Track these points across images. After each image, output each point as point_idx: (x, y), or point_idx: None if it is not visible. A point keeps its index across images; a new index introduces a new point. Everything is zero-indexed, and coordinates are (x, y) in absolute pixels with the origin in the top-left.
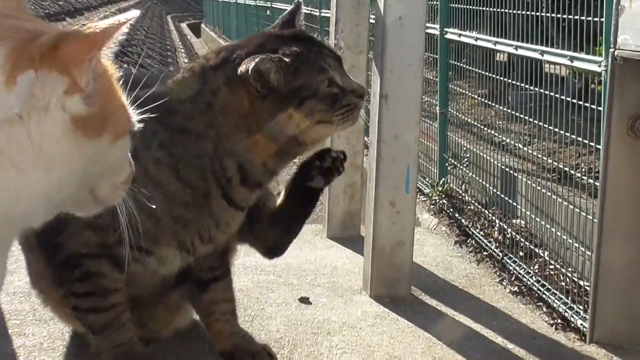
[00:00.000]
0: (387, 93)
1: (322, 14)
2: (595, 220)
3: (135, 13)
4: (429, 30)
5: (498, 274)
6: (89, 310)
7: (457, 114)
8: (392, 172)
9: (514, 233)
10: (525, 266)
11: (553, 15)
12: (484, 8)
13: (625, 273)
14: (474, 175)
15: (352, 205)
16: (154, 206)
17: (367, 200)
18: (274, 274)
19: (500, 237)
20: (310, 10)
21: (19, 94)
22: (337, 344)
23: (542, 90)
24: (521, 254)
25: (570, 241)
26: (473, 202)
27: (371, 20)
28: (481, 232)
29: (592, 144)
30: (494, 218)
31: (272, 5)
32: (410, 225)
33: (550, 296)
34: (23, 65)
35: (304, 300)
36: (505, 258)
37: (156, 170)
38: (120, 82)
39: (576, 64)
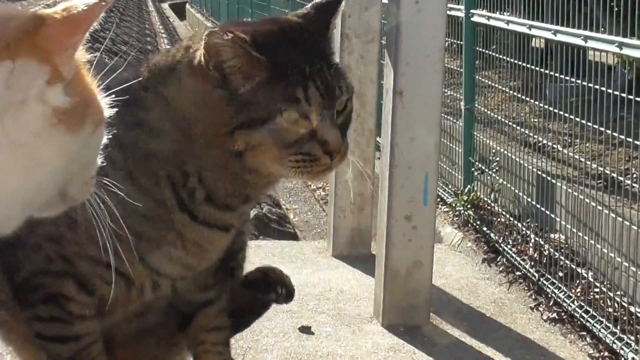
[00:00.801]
0: (402, 89)
1: None
2: None
3: None
4: (452, 13)
5: (533, 297)
6: (54, 339)
7: (485, 110)
8: (408, 181)
9: (552, 250)
10: (565, 289)
11: None
12: None
13: None
14: (504, 182)
15: (361, 219)
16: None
17: (379, 214)
18: None
19: (536, 255)
20: None
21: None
22: None
23: (585, 83)
24: (561, 274)
25: (619, 260)
26: (504, 213)
27: (384, 0)
28: (513, 249)
29: None
30: (528, 232)
31: None
32: (429, 243)
33: (596, 324)
34: (13, 52)
35: (305, 330)
36: (542, 279)
37: (112, 172)
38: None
39: (626, 51)
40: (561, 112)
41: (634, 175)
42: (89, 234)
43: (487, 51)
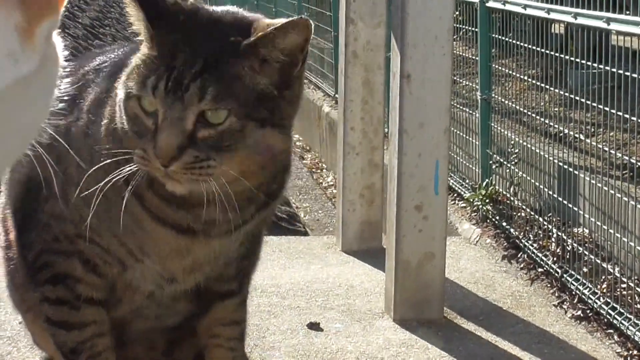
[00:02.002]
0: (410, 73)
1: None
2: None
3: None
4: None
5: (557, 295)
6: (60, 324)
7: (503, 100)
8: (418, 169)
9: (575, 245)
10: (590, 285)
11: None
12: None
13: None
14: (524, 175)
15: (371, 212)
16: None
17: (388, 204)
18: (277, 296)
19: (558, 251)
20: None
21: (36, 48)
22: None
23: (608, 68)
24: (585, 270)
25: None
26: (524, 207)
27: None
28: (535, 245)
29: None
30: (550, 227)
31: None
32: (441, 234)
33: (623, 322)
34: (36, 17)
35: (314, 327)
36: (565, 276)
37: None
38: None
39: None
40: (583, 100)
41: None
42: (79, 213)
43: (503, 38)
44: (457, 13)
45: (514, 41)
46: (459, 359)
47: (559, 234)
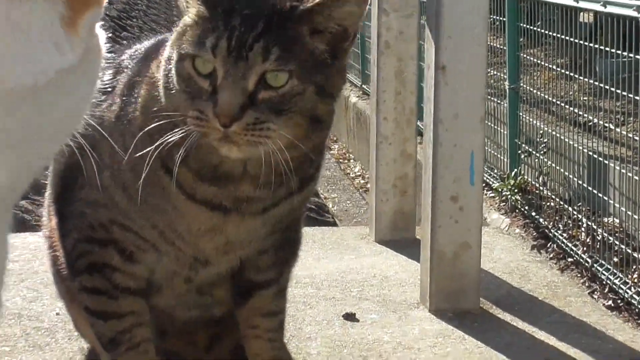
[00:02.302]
0: (445, 64)
1: None
2: None
3: None
4: None
5: (587, 285)
6: (99, 314)
7: (531, 89)
8: (453, 160)
9: (605, 235)
10: (621, 275)
11: None
12: None
13: None
14: (553, 165)
15: (404, 203)
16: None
17: (423, 195)
18: (312, 287)
19: (588, 240)
20: None
21: (80, 39)
22: None
23: (638, 57)
24: (616, 260)
25: None
26: (553, 197)
27: None
28: (564, 235)
29: None
30: (580, 217)
31: None
32: (477, 224)
33: None
34: (80, 8)
35: (350, 317)
36: (595, 266)
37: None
38: None
39: None
40: (613, 89)
41: None
42: (112, 198)
43: (532, 27)
44: None
45: (542, 30)
46: (496, 349)
47: (589, 223)
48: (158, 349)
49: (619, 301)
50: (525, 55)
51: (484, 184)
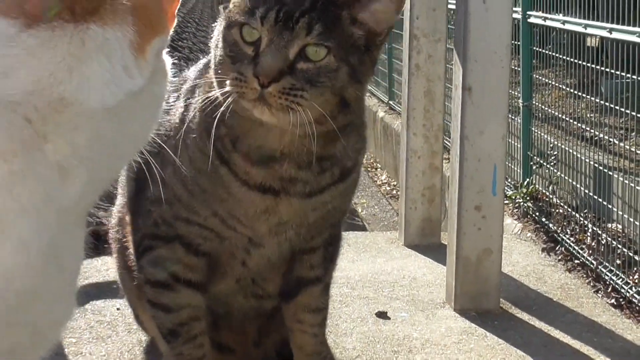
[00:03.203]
0: (471, 85)
1: None
2: None
3: None
4: None
5: (592, 285)
6: (160, 306)
7: (543, 106)
8: (478, 172)
9: (609, 239)
10: (623, 276)
11: None
12: None
13: None
14: (562, 175)
15: (431, 211)
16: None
17: (449, 205)
18: (347, 287)
19: (593, 244)
20: None
21: (147, 63)
22: None
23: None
24: (618, 262)
25: None
26: (562, 204)
27: (449, 5)
28: (572, 239)
29: None
30: (586, 222)
31: None
32: (498, 232)
33: None
34: (147, 35)
35: (382, 315)
36: (600, 267)
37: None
38: None
39: None
40: (616, 107)
41: None
42: (175, 193)
43: (543, 50)
44: None
45: (553, 53)
46: (515, 346)
47: (594, 228)
48: (212, 341)
49: (620, 300)
50: (537, 76)
51: None
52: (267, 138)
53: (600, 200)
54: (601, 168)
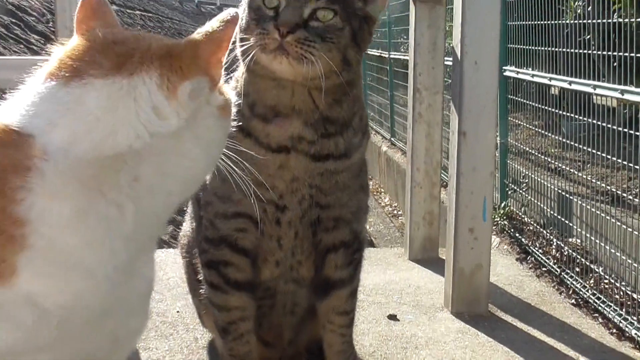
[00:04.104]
0: (466, 130)
1: (391, 56)
2: None
3: (235, 10)
4: None
5: (556, 288)
6: (215, 306)
7: (516, 143)
8: (471, 202)
9: (570, 250)
10: (581, 281)
11: (604, 52)
12: (539, 48)
13: None
14: (532, 199)
15: (431, 231)
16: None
17: (448, 228)
18: (363, 294)
19: (557, 255)
20: (380, 53)
21: (181, 104)
22: (425, 357)
23: (593, 121)
24: (577, 269)
25: (624, 257)
26: (532, 222)
27: (446, 63)
28: (540, 250)
29: None
30: (551, 237)
31: None
32: (488, 250)
33: (606, 308)
34: (176, 79)
35: (392, 318)
36: (562, 273)
37: None
38: None
39: (627, 96)
40: (575, 144)
41: (634, 192)
42: (212, 190)
43: (516, 98)
44: None
45: (524, 100)
46: (502, 343)
47: (558, 242)
48: (257, 336)
49: (579, 300)
50: (511, 118)
51: None
52: (280, 96)
53: (562, 219)
54: (563, 193)
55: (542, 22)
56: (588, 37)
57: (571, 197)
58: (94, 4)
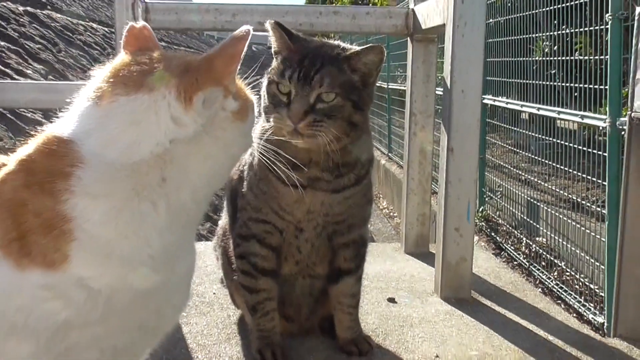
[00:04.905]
0: (453, 147)
1: (390, 87)
2: (602, 238)
3: (247, 27)
4: None
5: (526, 279)
6: (247, 289)
7: (492, 158)
8: (457, 206)
9: (537, 248)
10: (547, 273)
11: (566, 84)
12: (512, 80)
13: None
14: (505, 205)
15: (423, 230)
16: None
17: (438, 227)
18: (367, 280)
19: (526, 251)
20: (380, 84)
21: (197, 112)
22: (418, 334)
23: (557, 140)
24: (543, 263)
25: (582, 254)
26: (505, 224)
27: (437, 92)
28: (512, 247)
29: (598, 180)
30: (521, 236)
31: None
32: (471, 246)
33: (567, 296)
34: (191, 89)
35: (391, 300)
36: (531, 267)
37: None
38: None
39: (586, 120)
40: (542, 159)
41: (591, 200)
42: (247, 200)
43: (492, 121)
44: None
45: (499, 123)
46: (483, 323)
47: (527, 241)
48: (280, 313)
49: (545, 289)
50: (488, 138)
51: None
52: (298, 152)
53: (531, 221)
54: (531, 200)
55: (515, 59)
56: (554, 71)
57: (538, 204)
58: (136, 31)
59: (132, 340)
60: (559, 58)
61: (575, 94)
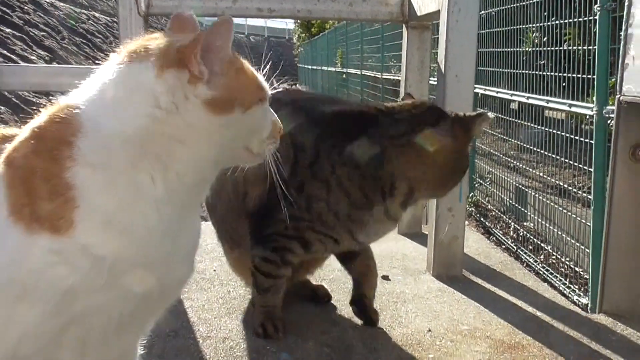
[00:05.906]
0: None
1: (384, 77)
2: (587, 223)
3: (228, 16)
4: None
5: (513, 262)
6: (265, 274)
7: (482, 146)
8: None
9: (525, 232)
10: (534, 256)
11: (555, 74)
12: (502, 69)
13: (626, 265)
14: (494, 190)
15: (415, 211)
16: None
17: (430, 207)
18: None
19: (514, 235)
20: (374, 74)
21: (168, 86)
22: (412, 309)
23: (545, 129)
24: (530, 247)
25: (568, 238)
26: (494, 209)
27: (431, 82)
28: (500, 231)
29: (584, 167)
30: (509, 221)
31: (347, 71)
32: (462, 225)
33: (553, 278)
34: (167, 65)
35: (385, 278)
36: (518, 250)
37: (341, 172)
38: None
39: (574, 109)
40: (530, 147)
41: (577, 186)
42: (318, 218)
43: (483, 110)
44: None
45: (489, 112)
46: (473, 299)
47: (515, 225)
48: (292, 278)
49: (531, 272)
50: None
51: None
52: None
53: (519, 207)
54: (520, 186)
55: (505, 50)
56: (543, 62)
57: (526, 190)
58: (177, 18)
59: (137, 308)
60: (549, 49)
61: (564, 84)
